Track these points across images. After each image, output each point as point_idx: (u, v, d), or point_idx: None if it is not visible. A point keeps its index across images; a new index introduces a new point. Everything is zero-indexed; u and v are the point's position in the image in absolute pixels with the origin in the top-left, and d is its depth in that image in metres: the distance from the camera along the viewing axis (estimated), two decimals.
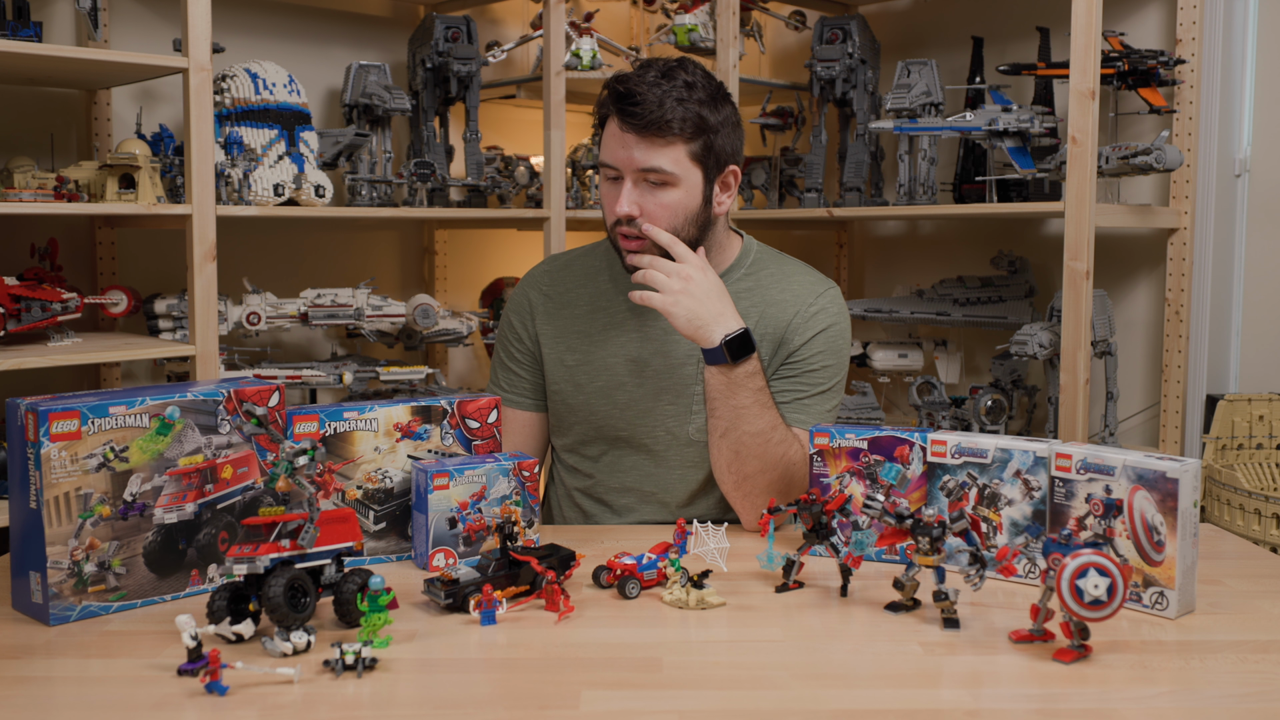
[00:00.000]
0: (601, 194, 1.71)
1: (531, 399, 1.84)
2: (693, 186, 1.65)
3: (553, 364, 1.81)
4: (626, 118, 1.61)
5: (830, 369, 1.74)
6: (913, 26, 3.13)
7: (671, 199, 1.64)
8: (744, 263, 1.79)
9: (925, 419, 2.76)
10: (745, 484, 1.65)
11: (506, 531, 1.35)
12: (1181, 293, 2.57)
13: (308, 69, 2.75)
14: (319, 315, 2.54)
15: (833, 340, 1.74)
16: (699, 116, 1.62)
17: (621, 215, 1.64)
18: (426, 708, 1.07)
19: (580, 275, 1.84)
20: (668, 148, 1.61)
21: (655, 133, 1.60)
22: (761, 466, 1.63)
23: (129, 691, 1.10)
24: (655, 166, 1.61)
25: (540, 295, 1.84)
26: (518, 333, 1.84)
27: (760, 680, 1.12)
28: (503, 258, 3.30)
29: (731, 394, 1.61)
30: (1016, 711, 1.06)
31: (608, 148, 1.66)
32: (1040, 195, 2.56)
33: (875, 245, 3.33)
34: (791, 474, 1.64)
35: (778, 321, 1.73)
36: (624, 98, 1.61)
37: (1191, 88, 2.52)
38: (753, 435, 1.62)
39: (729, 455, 1.64)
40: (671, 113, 1.59)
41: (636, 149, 1.61)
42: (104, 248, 2.49)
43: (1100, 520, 1.33)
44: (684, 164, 1.63)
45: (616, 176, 1.65)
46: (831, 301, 1.76)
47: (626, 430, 1.76)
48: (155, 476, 1.31)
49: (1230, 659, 1.17)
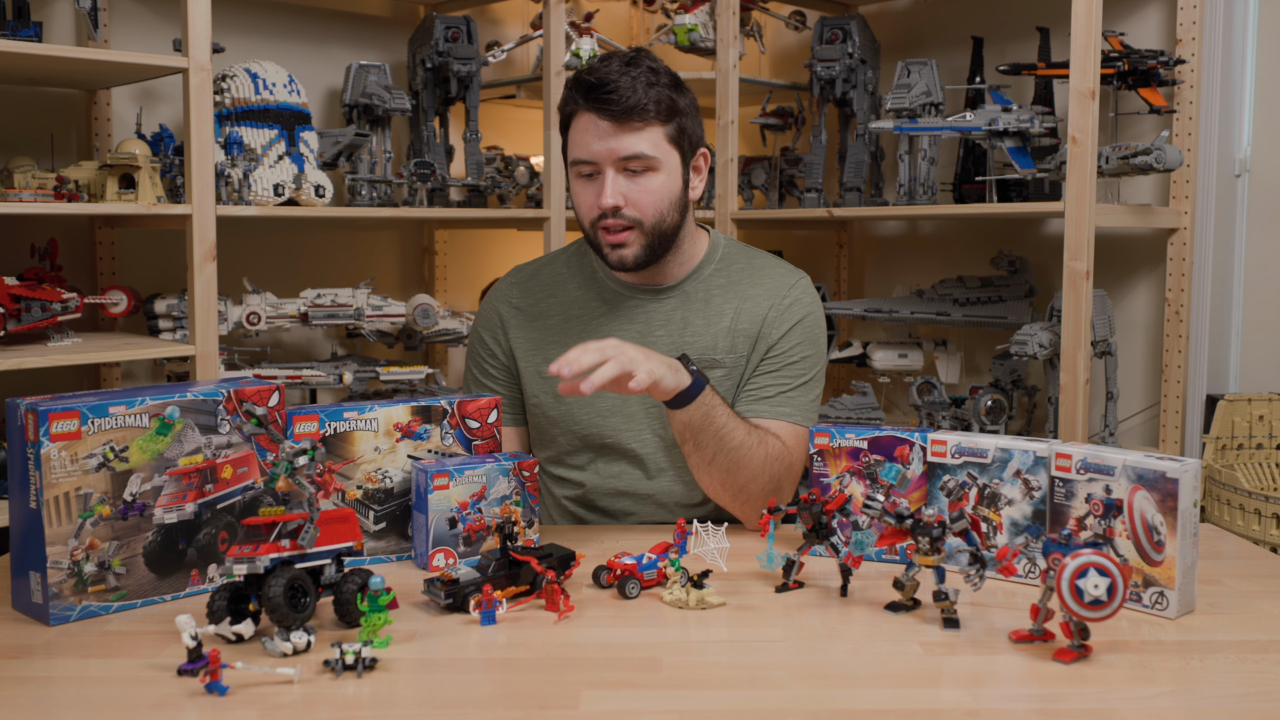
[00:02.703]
0: (575, 195, 1.68)
1: (510, 413, 1.81)
2: (673, 170, 1.66)
3: (530, 376, 1.78)
4: (603, 106, 1.59)
5: (810, 359, 1.74)
6: (913, 26, 3.13)
7: (655, 184, 1.64)
8: (714, 258, 1.79)
9: (925, 419, 2.76)
10: (742, 494, 1.64)
11: (506, 531, 1.35)
12: (1181, 293, 2.57)
13: (308, 69, 2.75)
14: (319, 315, 2.54)
15: (809, 330, 1.75)
16: (670, 99, 1.63)
17: (607, 207, 1.62)
18: (426, 708, 1.07)
19: (548, 284, 1.81)
20: (646, 131, 1.61)
21: (634, 117, 1.60)
22: (754, 473, 1.63)
23: (129, 691, 1.10)
24: (638, 152, 1.61)
25: (510, 308, 1.81)
26: (490, 348, 1.81)
27: (760, 680, 1.12)
28: (503, 258, 3.30)
29: (710, 421, 1.58)
30: (1016, 711, 1.06)
31: (581, 144, 1.63)
32: (1040, 195, 2.56)
33: (875, 245, 3.33)
34: (778, 469, 1.65)
35: (754, 316, 1.73)
36: (596, 88, 1.60)
37: (1191, 88, 2.52)
38: (737, 448, 1.60)
39: (721, 476, 1.62)
40: (646, 96, 1.60)
41: (615, 138, 1.60)
42: (104, 248, 2.49)
43: (1100, 520, 1.33)
44: (663, 147, 1.63)
45: (593, 172, 1.64)
46: (804, 291, 1.77)
47: (612, 437, 1.74)
48: (155, 476, 1.31)
49: (1230, 659, 1.17)
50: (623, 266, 1.68)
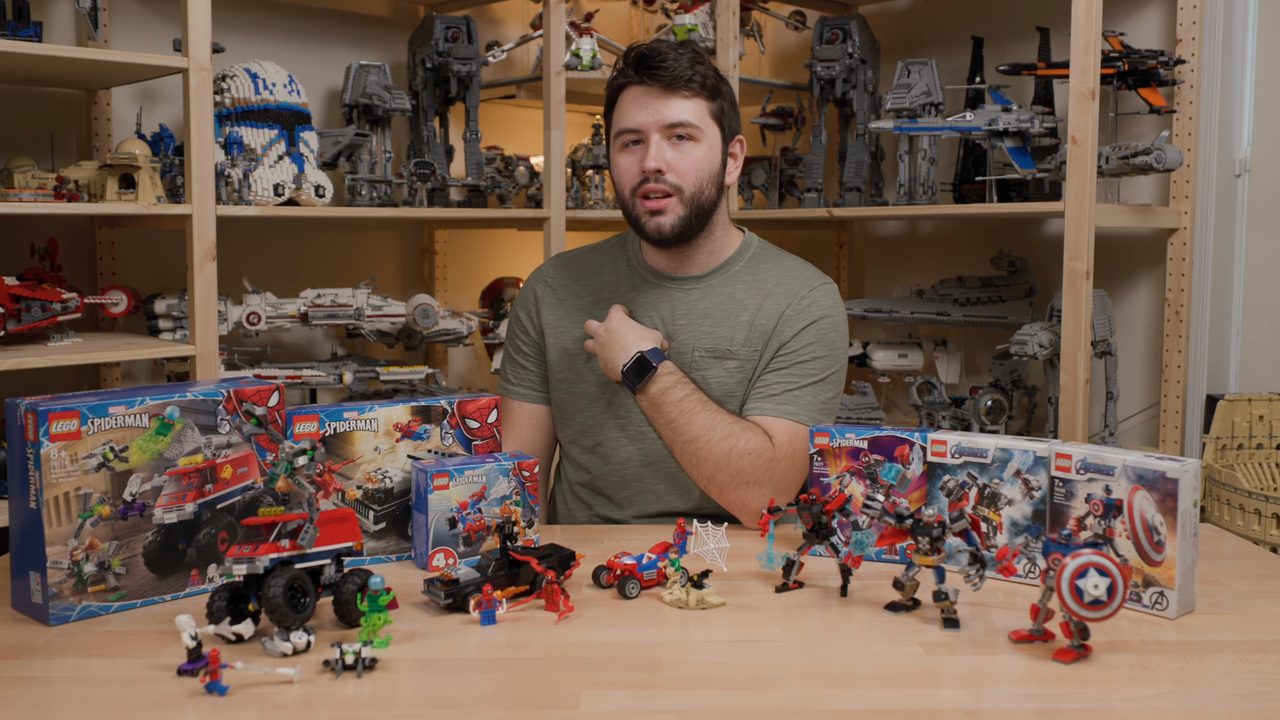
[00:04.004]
0: (616, 167, 1.76)
1: (538, 391, 1.88)
2: (714, 144, 1.74)
3: (556, 353, 1.84)
4: (652, 73, 1.69)
5: (822, 360, 1.74)
6: (913, 26, 3.13)
7: (698, 154, 1.71)
8: (743, 255, 1.83)
9: (925, 419, 2.76)
10: (712, 485, 1.69)
11: (506, 531, 1.35)
12: (1181, 293, 2.57)
13: (308, 69, 2.75)
14: (319, 315, 2.54)
15: (824, 332, 1.75)
16: (715, 77, 1.74)
17: (650, 170, 1.69)
18: (426, 708, 1.07)
19: (586, 268, 1.88)
20: (691, 100, 1.70)
21: (681, 86, 1.69)
22: (715, 466, 1.67)
23: (129, 691, 1.10)
24: (682, 120, 1.69)
25: (545, 288, 1.89)
26: (524, 325, 1.89)
27: (760, 680, 1.12)
28: (503, 258, 3.30)
29: (657, 413, 1.69)
30: (1016, 711, 1.06)
31: (628, 114, 1.72)
32: (1040, 195, 2.56)
33: (875, 245, 3.33)
34: (752, 464, 1.65)
35: (771, 314, 1.76)
36: (646, 57, 1.70)
37: (1191, 88, 2.52)
38: (690, 442, 1.67)
39: (686, 464, 1.71)
40: (693, 70, 1.70)
41: (662, 105, 1.69)
42: (104, 248, 2.49)
43: (1100, 520, 1.33)
44: (706, 120, 1.72)
45: (638, 139, 1.72)
46: (825, 295, 1.78)
47: (624, 418, 1.78)
48: (155, 476, 1.31)
49: (1230, 659, 1.17)
50: (659, 235, 1.73)
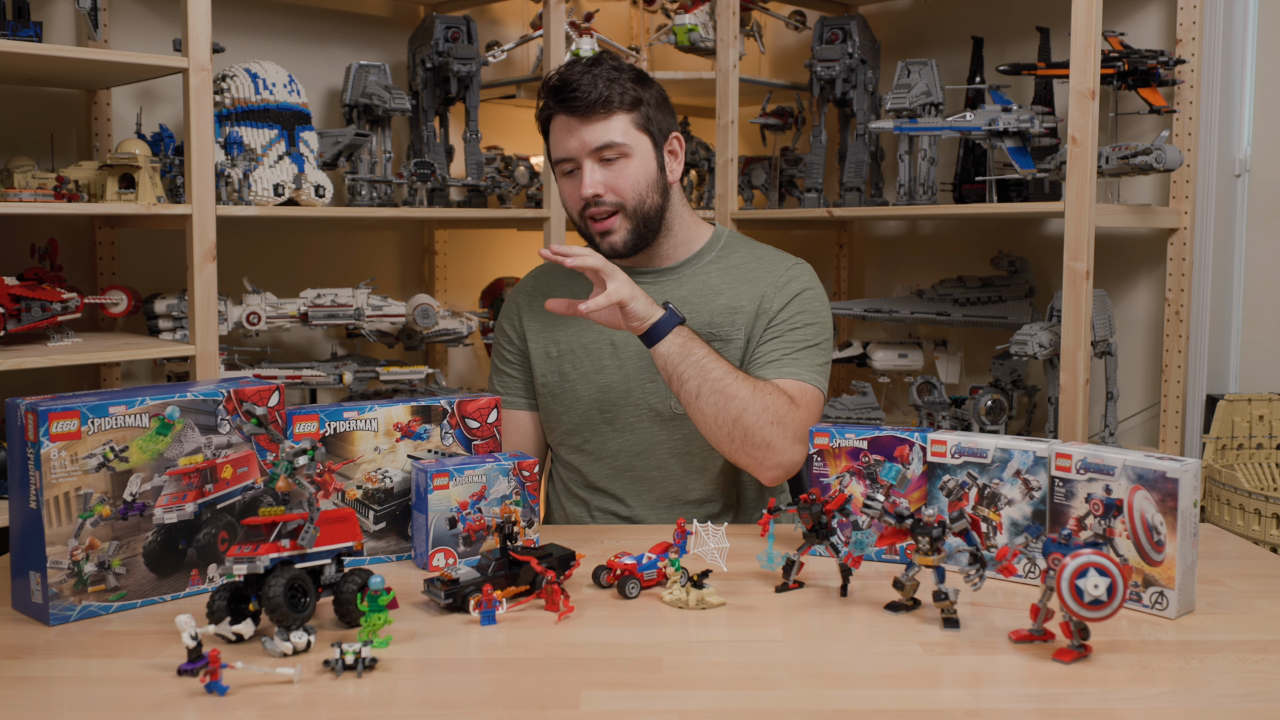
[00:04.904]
0: (562, 193, 1.82)
1: (525, 398, 1.91)
2: (645, 154, 1.76)
3: (539, 358, 1.87)
4: (569, 103, 1.72)
5: (814, 327, 1.78)
6: (913, 26, 3.13)
7: (630, 169, 1.75)
8: (715, 246, 1.87)
9: (925, 419, 2.76)
10: (739, 428, 1.63)
11: (506, 531, 1.35)
12: (1181, 293, 2.57)
13: (308, 69, 2.75)
14: (319, 315, 2.54)
15: (809, 302, 1.80)
16: (632, 90, 1.75)
17: (587, 195, 1.74)
18: (426, 708, 1.07)
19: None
20: (612, 120, 1.73)
21: (599, 110, 1.72)
22: (743, 404, 1.63)
23: (129, 691, 1.10)
24: (608, 141, 1.72)
25: (525, 296, 1.95)
26: (508, 334, 1.94)
27: (760, 680, 1.12)
28: (503, 258, 3.30)
29: (689, 352, 1.63)
30: (1016, 711, 1.06)
31: (558, 144, 1.77)
32: (1040, 195, 2.56)
33: (875, 245, 3.33)
34: (776, 406, 1.64)
35: (751, 295, 1.80)
36: (561, 88, 1.73)
37: (1191, 88, 2.52)
38: (720, 378, 1.63)
39: (713, 411, 1.63)
40: (608, 89, 1.72)
41: (585, 131, 1.72)
42: (104, 248, 2.49)
43: (1100, 520, 1.33)
44: (631, 134, 1.75)
45: (573, 169, 1.76)
46: (803, 271, 1.84)
47: (610, 411, 1.80)
48: (155, 476, 1.31)
49: (1230, 659, 1.17)
50: (614, 252, 1.78)
